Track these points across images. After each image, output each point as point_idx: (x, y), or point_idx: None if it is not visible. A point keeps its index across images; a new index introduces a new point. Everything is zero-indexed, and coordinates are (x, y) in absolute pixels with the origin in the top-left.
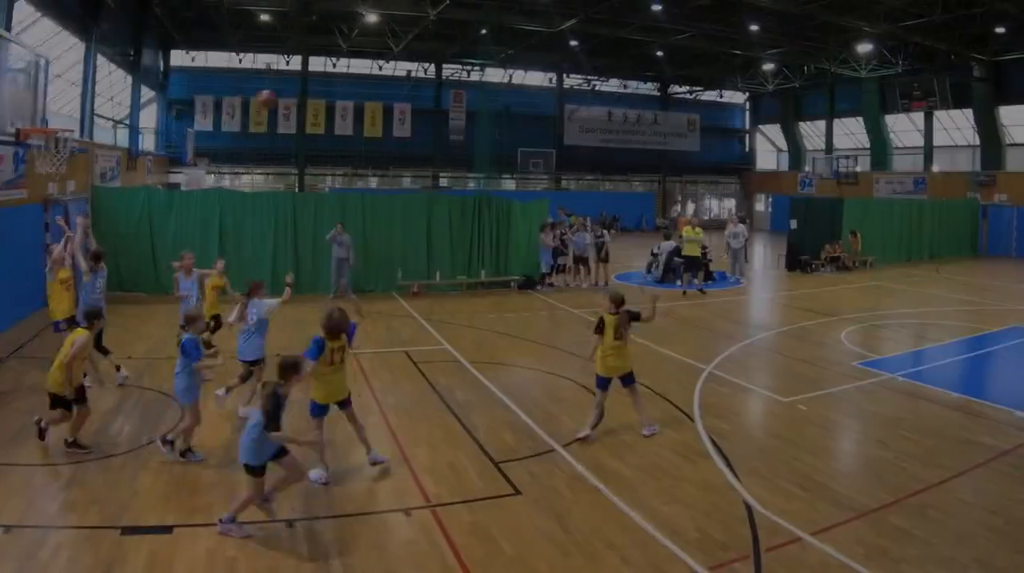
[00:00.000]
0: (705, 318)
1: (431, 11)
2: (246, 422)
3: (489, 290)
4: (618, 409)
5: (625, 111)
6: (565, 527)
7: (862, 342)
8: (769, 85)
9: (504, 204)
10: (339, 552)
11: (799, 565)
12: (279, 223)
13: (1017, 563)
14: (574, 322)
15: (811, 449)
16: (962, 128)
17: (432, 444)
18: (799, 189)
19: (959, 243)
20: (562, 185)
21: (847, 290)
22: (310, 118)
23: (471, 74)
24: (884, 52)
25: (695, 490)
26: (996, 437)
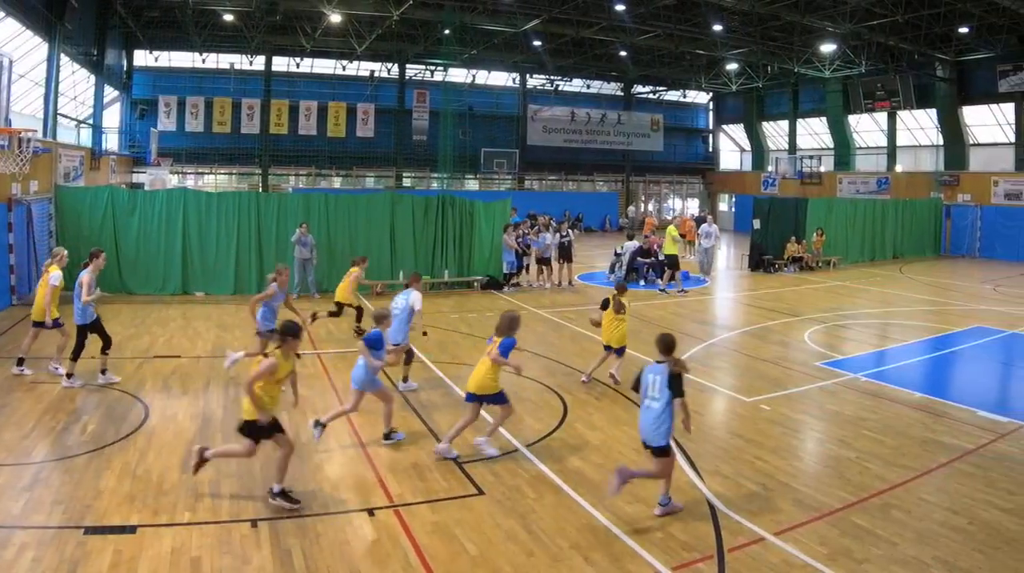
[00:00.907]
0: (668, 318)
1: (394, 11)
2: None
3: (452, 290)
4: (583, 411)
5: (589, 111)
6: (528, 527)
7: (825, 342)
8: (732, 85)
9: (467, 204)
10: (303, 551)
11: (762, 565)
12: (243, 223)
13: (980, 563)
14: (537, 322)
15: (774, 449)
16: (925, 128)
17: (395, 444)
18: (762, 189)
19: (922, 243)
20: (525, 185)
21: (810, 290)
22: (273, 118)
23: (434, 74)
24: (848, 52)
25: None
26: (959, 437)
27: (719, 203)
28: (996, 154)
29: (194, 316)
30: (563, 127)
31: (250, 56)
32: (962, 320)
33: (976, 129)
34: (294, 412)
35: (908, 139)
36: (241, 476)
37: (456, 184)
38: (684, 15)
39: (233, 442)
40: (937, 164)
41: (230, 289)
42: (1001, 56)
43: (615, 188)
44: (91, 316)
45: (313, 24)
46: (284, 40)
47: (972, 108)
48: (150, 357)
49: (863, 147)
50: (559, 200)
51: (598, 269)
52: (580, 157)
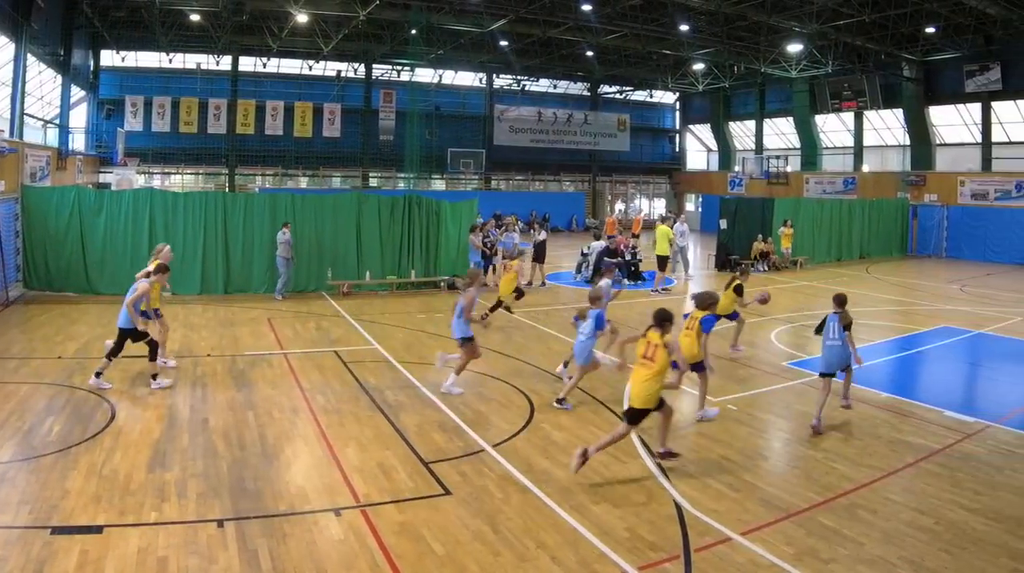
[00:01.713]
0: (635, 318)
1: (361, 11)
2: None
3: (419, 290)
4: (549, 411)
5: (555, 111)
6: (495, 527)
7: (792, 342)
8: (699, 85)
9: (434, 204)
10: (269, 551)
11: (729, 565)
12: (209, 223)
13: (946, 563)
14: (504, 322)
15: (741, 449)
16: (892, 128)
17: (362, 444)
18: (729, 189)
19: (889, 243)
20: (492, 185)
21: (777, 290)
22: (240, 118)
23: (401, 74)
24: (814, 52)
25: (625, 490)
26: (925, 437)
27: (686, 203)
28: (962, 154)
29: None
30: (530, 127)
31: (217, 56)
32: (929, 320)
33: (943, 129)
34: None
35: (875, 139)
36: (208, 476)
37: (423, 184)
38: (650, 15)
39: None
40: (904, 164)
41: (196, 289)
42: (968, 56)
43: (582, 188)
44: (131, 323)
45: (280, 24)
46: (251, 40)
47: (939, 108)
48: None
49: (830, 147)
50: (526, 200)
51: (565, 269)
52: (547, 157)
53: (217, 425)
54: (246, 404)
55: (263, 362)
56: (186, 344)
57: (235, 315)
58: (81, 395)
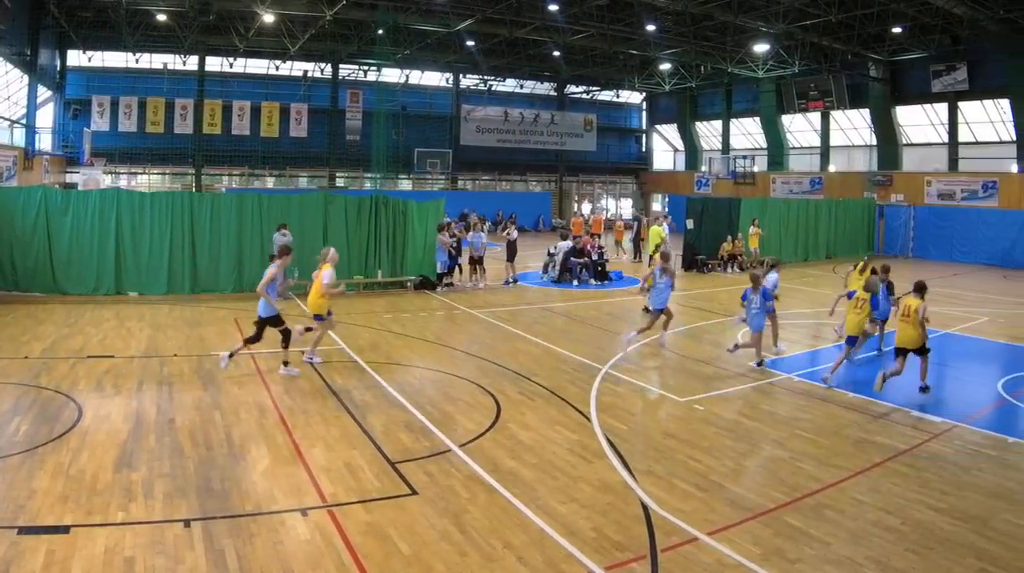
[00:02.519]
0: (603, 318)
1: (328, 11)
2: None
3: (386, 290)
4: (516, 411)
5: (522, 111)
6: (462, 527)
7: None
8: (666, 85)
9: (400, 204)
10: (236, 551)
11: (695, 565)
12: (176, 223)
13: (913, 563)
14: (470, 323)
15: (707, 449)
16: (859, 128)
17: (329, 444)
18: (696, 189)
19: (856, 243)
20: (459, 185)
21: (743, 290)
22: (207, 118)
23: (368, 74)
24: (781, 52)
25: (592, 490)
26: (892, 437)
27: (652, 203)
28: (929, 154)
29: (127, 316)
30: (496, 127)
31: (183, 56)
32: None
33: (909, 129)
34: (232, 411)
35: (841, 139)
36: (174, 476)
37: (389, 184)
38: (617, 15)
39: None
40: (870, 164)
41: (163, 289)
42: (934, 56)
43: (548, 188)
44: (273, 310)
45: (246, 24)
46: (217, 40)
47: (905, 108)
48: (84, 357)
49: (796, 147)
50: (492, 200)
51: (531, 269)
52: (513, 157)
53: (184, 425)
54: (213, 404)
55: (230, 362)
56: (152, 344)
57: (202, 315)
58: (48, 395)
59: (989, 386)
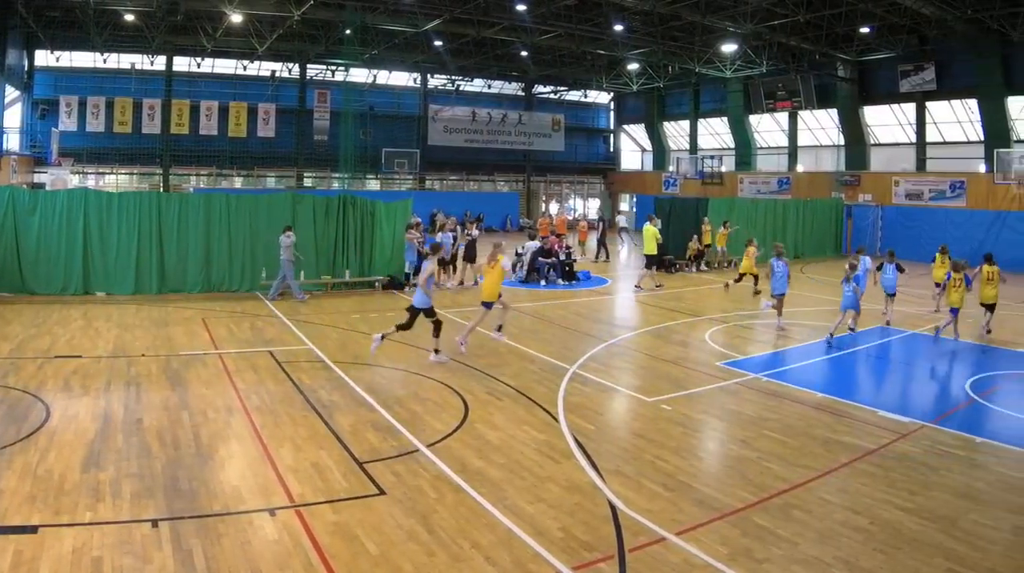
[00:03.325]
0: (570, 318)
1: (295, 11)
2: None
3: (353, 290)
4: (484, 411)
5: (490, 111)
6: (429, 527)
7: (726, 342)
8: (633, 85)
9: (368, 204)
10: (203, 551)
11: (663, 565)
12: (143, 223)
13: (880, 563)
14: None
15: (675, 449)
16: (827, 128)
17: (296, 444)
18: (663, 189)
19: (823, 243)
20: (426, 185)
21: (711, 290)
22: (175, 118)
23: (335, 74)
24: (749, 52)
25: (559, 490)
26: (860, 437)
27: (620, 203)
28: (897, 154)
29: (95, 316)
30: (464, 127)
31: (151, 56)
32: (863, 320)
33: (877, 129)
34: (200, 411)
35: (809, 139)
36: (142, 476)
37: (357, 184)
38: (585, 15)
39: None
40: (838, 164)
41: (131, 289)
42: (902, 56)
43: (516, 188)
44: (428, 302)
45: (214, 24)
46: (185, 40)
47: (873, 108)
48: (51, 357)
49: (764, 147)
50: (460, 200)
51: None
52: (481, 157)
53: (151, 425)
54: (180, 404)
55: (197, 362)
56: (120, 344)
57: (169, 315)
58: (15, 395)
59: (957, 386)
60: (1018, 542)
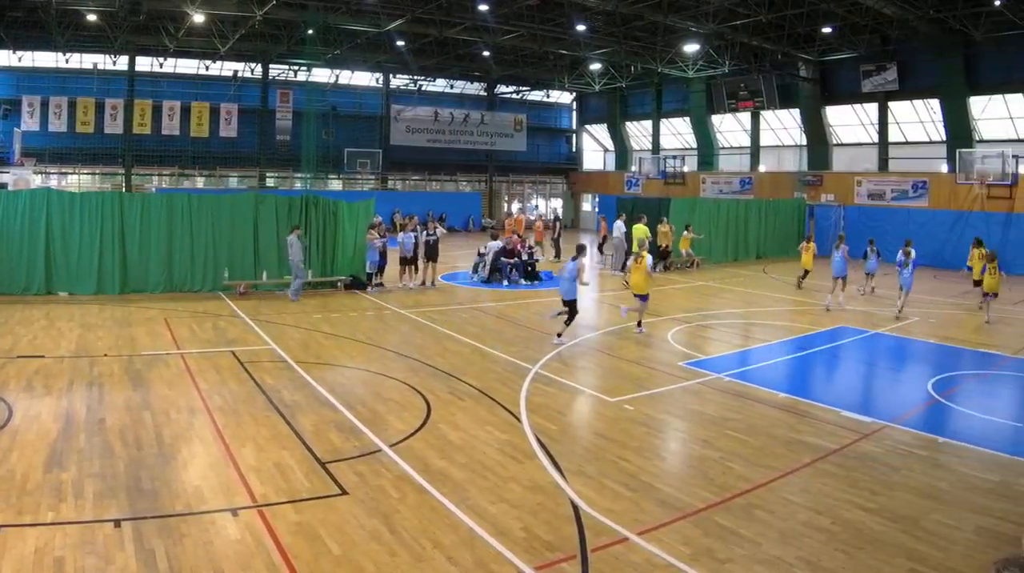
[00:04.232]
0: (532, 318)
1: (257, 11)
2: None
3: (316, 290)
4: (446, 411)
5: (452, 111)
6: (392, 527)
7: (688, 342)
8: (596, 85)
9: (330, 204)
10: (166, 551)
11: (625, 565)
12: (106, 223)
13: (843, 563)
14: (401, 322)
15: (637, 449)
16: (789, 128)
17: (259, 444)
18: (626, 189)
19: (786, 243)
20: (389, 185)
21: (674, 290)
22: (137, 118)
23: (298, 74)
24: (711, 52)
25: (522, 490)
26: (822, 437)
27: (582, 203)
28: (859, 154)
29: (57, 316)
30: (426, 127)
31: (113, 56)
32: (825, 320)
33: (839, 129)
34: (162, 411)
35: (771, 139)
36: (105, 476)
37: (319, 184)
38: (547, 15)
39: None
40: (800, 164)
41: (93, 289)
42: (864, 56)
43: (478, 188)
44: (575, 295)
45: (176, 24)
46: (147, 40)
47: (835, 108)
48: (13, 357)
49: (726, 147)
50: (423, 200)
51: (461, 269)
52: (443, 157)
53: (114, 425)
54: (143, 404)
55: (160, 362)
56: (82, 344)
57: (132, 315)
58: None
59: (919, 386)
60: (980, 542)
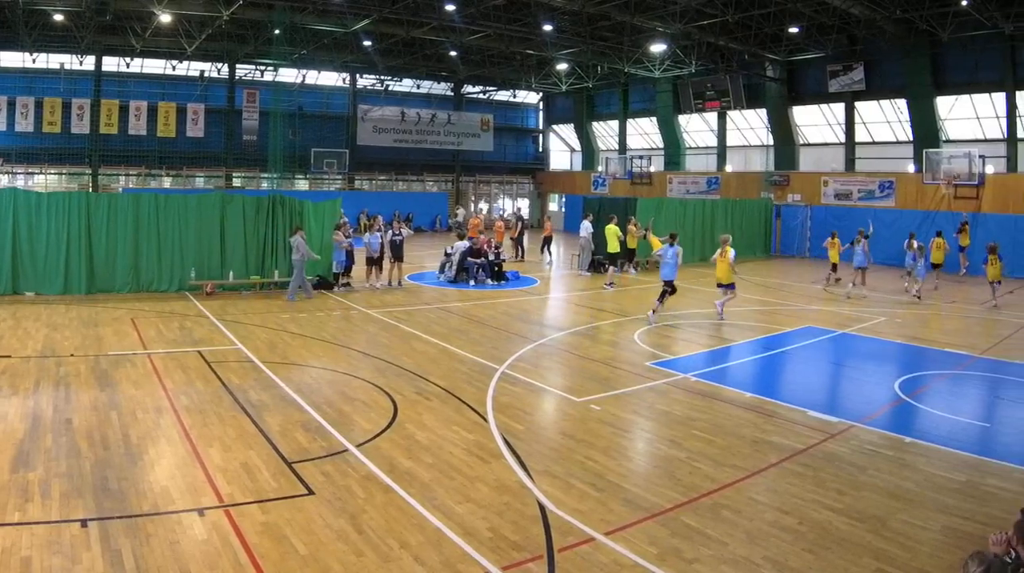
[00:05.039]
0: (499, 318)
1: (224, 11)
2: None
3: (283, 290)
4: (413, 411)
5: (419, 111)
6: (358, 527)
7: (655, 342)
8: (563, 85)
9: (297, 204)
10: (132, 551)
11: (592, 565)
12: (72, 223)
13: (809, 562)
14: (367, 323)
15: (604, 449)
16: (756, 128)
17: (225, 444)
18: (592, 189)
19: (753, 243)
20: (356, 185)
21: (640, 290)
22: (104, 118)
23: (264, 74)
24: (678, 52)
25: (488, 490)
26: (789, 437)
27: (549, 203)
28: (826, 154)
29: (24, 316)
30: (393, 127)
31: (80, 56)
32: (792, 320)
33: (806, 129)
34: (129, 412)
35: (738, 139)
36: (71, 476)
37: (286, 184)
38: (514, 15)
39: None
40: (767, 164)
41: (60, 289)
42: (831, 56)
43: (445, 188)
44: (674, 275)
45: (143, 24)
46: (114, 40)
47: (802, 108)
48: None
49: (693, 147)
50: (390, 200)
51: (428, 269)
52: (410, 157)
53: (81, 425)
54: (110, 404)
55: (127, 362)
56: (49, 344)
57: (98, 315)
58: None
59: (886, 386)
60: (947, 542)
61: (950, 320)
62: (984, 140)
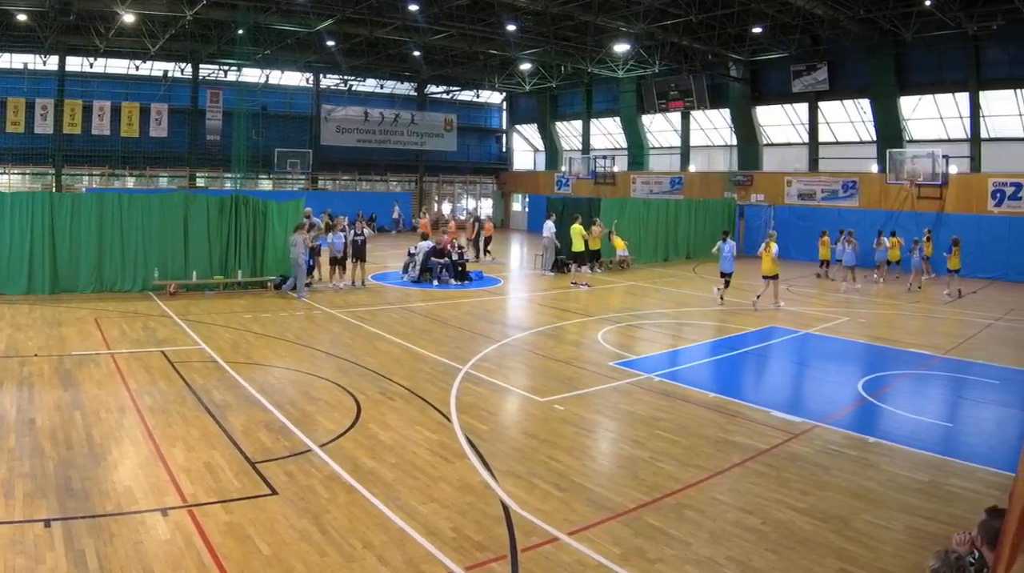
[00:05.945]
0: (462, 318)
1: (188, 11)
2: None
3: (246, 290)
4: (376, 411)
5: (382, 111)
6: (322, 527)
7: (618, 342)
8: (526, 85)
9: (260, 204)
10: (96, 551)
11: (556, 565)
12: (36, 223)
13: (772, 562)
14: (331, 323)
15: (568, 449)
16: (719, 128)
17: (189, 444)
18: (556, 189)
19: (716, 243)
20: (319, 185)
21: (604, 290)
22: (67, 118)
23: (228, 74)
24: (642, 52)
25: (452, 490)
26: (752, 437)
27: (512, 203)
28: (789, 154)
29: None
30: (357, 127)
31: (43, 56)
32: (756, 320)
33: (770, 129)
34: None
35: (702, 139)
36: (35, 476)
37: (250, 184)
38: (477, 15)
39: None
40: (731, 164)
41: (23, 289)
42: (795, 56)
43: (409, 188)
44: (732, 268)
45: (107, 24)
46: (78, 40)
47: (765, 108)
48: None
49: (657, 147)
50: (353, 200)
51: (391, 269)
52: (374, 157)
53: (44, 425)
54: (73, 404)
55: (90, 362)
56: (12, 344)
57: (62, 315)
58: None
59: (849, 386)
60: (910, 542)
61: (913, 320)
62: (948, 140)
